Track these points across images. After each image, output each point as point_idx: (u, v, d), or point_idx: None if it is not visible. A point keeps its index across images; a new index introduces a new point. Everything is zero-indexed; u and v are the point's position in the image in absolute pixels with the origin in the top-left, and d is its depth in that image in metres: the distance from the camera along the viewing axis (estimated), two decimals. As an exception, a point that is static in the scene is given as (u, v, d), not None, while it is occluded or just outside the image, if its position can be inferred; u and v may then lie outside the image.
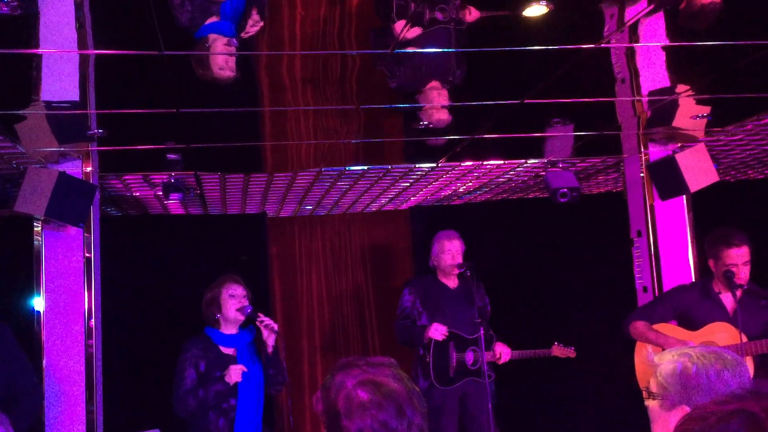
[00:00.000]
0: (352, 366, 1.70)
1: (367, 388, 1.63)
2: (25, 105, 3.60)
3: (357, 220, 7.61)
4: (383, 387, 1.64)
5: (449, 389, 4.69)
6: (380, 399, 1.61)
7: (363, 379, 1.65)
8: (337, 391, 1.65)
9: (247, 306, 4.00)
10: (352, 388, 1.63)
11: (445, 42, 2.99)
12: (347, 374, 1.67)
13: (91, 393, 4.40)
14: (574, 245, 6.73)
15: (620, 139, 5.11)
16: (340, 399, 1.63)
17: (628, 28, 3.05)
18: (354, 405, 1.61)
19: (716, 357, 1.94)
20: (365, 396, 1.62)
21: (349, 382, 1.65)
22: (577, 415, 6.55)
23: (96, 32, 2.84)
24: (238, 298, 4.03)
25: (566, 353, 5.04)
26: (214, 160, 4.99)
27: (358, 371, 1.67)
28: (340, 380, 1.67)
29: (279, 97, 3.85)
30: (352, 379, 1.65)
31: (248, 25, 2.84)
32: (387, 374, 1.68)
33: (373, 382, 1.64)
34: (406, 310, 4.85)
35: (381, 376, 1.66)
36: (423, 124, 4.16)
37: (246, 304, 4.02)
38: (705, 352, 1.96)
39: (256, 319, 3.96)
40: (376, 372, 1.67)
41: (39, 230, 4.49)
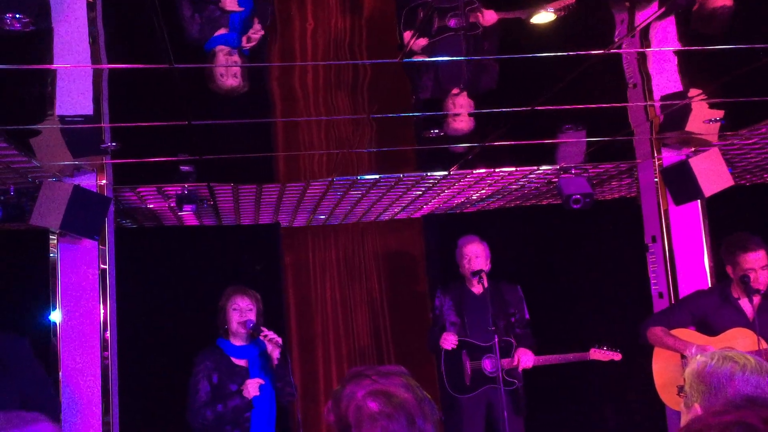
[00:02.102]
0: (362, 376, 1.69)
1: (377, 398, 1.63)
2: (39, 120, 3.63)
3: (370, 229, 7.61)
4: (394, 397, 1.63)
5: (468, 397, 4.67)
6: (391, 410, 1.61)
7: (373, 390, 1.65)
8: (348, 402, 1.64)
9: (249, 321, 4.00)
10: (362, 399, 1.63)
11: (459, 49, 2.99)
12: (357, 385, 1.66)
13: (107, 404, 4.42)
14: (588, 252, 6.70)
15: (633, 144, 5.08)
16: (350, 410, 1.63)
17: (639, 32, 3.04)
18: (364, 416, 1.61)
19: (736, 361, 1.95)
20: (375, 407, 1.61)
21: (359, 393, 1.64)
22: (593, 421, 6.50)
23: (108, 47, 2.87)
24: (240, 311, 4.03)
25: (609, 356, 4.79)
26: (227, 171, 5.01)
27: (369, 381, 1.67)
28: (350, 391, 1.66)
29: (291, 107, 3.87)
30: (362, 389, 1.65)
31: (250, 34, 2.87)
32: (397, 384, 1.67)
33: (383, 393, 1.64)
34: (435, 315, 4.93)
35: (391, 386, 1.66)
36: (434, 132, 4.16)
37: (249, 319, 4.01)
38: (729, 355, 1.99)
39: (259, 334, 3.96)
40: (386, 382, 1.67)
41: (54, 243, 4.53)
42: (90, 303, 4.48)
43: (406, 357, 7.08)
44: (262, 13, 2.86)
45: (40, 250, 4.67)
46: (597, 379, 6.35)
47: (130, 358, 4.92)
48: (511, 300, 4.81)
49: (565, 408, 6.38)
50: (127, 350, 4.82)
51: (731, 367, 1.94)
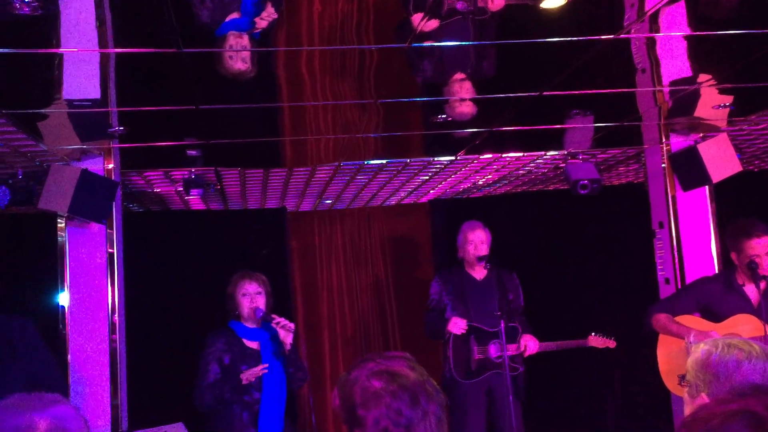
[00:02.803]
0: (366, 361, 1.72)
1: (380, 377, 1.65)
2: (47, 104, 3.64)
3: (376, 213, 7.62)
4: (397, 376, 1.66)
5: (472, 383, 4.68)
6: (394, 388, 1.63)
7: (377, 370, 1.67)
8: (353, 384, 1.67)
9: (259, 310, 4.03)
10: (366, 379, 1.66)
11: (466, 33, 2.98)
12: (362, 368, 1.69)
13: (115, 387, 4.46)
14: (595, 237, 6.69)
15: (641, 129, 5.06)
16: (356, 391, 1.65)
17: (648, 17, 3.02)
18: (368, 394, 1.63)
19: (741, 349, 1.95)
20: (379, 384, 1.64)
21: (363, 375, 1.67)
22: (598, 407, 6.53)
23: (116, 31, 2.87)
24: (249, 296, 4.06)
25: (605, 343, 4.94)
26: (234, 155, 5.01)
27: (373, 364, 1.70)
28: (355, 375, 1.69)
29: (298, 92, 3.86)
30: (366, 372, 1.68)
31: (262, 17, 2.86)
32: (401, 364, 1.70)
33: (386, 372, 1.66)
34: (433, 302, 4.88)
35: (395, 366, 1.68)
36: (442, 118, 4.15)
37: (257, 306, 4.04)
38: (733, 343, 1.98)
39: (270, 321, 3.98)
40: (390, 363, 1.69)
41: (62, 227, 4.55)
42: (98, 286, 4.51)
43: (412, 341, 7.11)
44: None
45: (48, 234, 4.69)
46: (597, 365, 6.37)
47: (138, 341, 4.95)
48: (509, 287, 4.81)
49: (563, 395, 6.41)
50: (134, 333, 4.85)
51: (737, 354, 1.94)
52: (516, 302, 4.85)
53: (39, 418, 1.45)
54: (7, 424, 1.45)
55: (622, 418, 6.46)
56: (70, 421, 1.46)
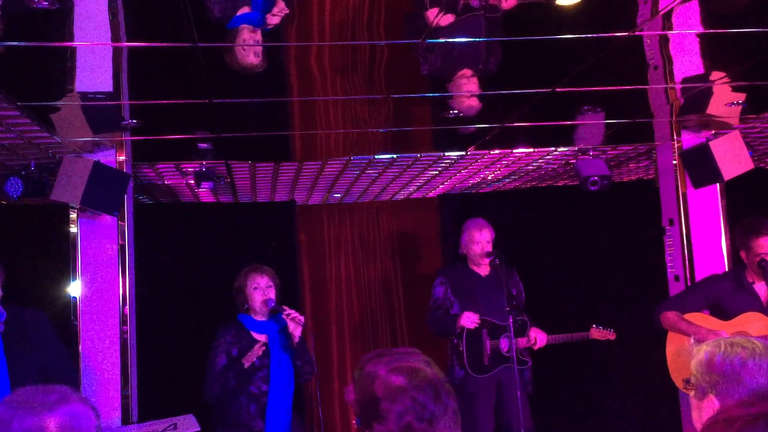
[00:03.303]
0: (380, 356, 1.72)
1: (401, 373, 1.66)
2: (61, 96, 3.66)
3: (385, 207, 7.62)
4: (417, 372, 1.67)
5: (485, 377, 4.69)
6: (418, 382, 1.64)
7: (396, 366, 1.68)
8: (372, 379, 1.67)
9: (270, 300, 4.05)
10: (386, 375, 1.66)
11: (477, 30, 2.98)
12: (377, 364, 1.70)
13: (126, 378, 4.50)
14: (605, 233, 6.68)
15: (652, 126, 5.04)
16: (377, 385, 1.65)
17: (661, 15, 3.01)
18: (392, 388, 1.64)
19: (744, 347, 1.95)
20: (401, 379, 1.65)
21: (382, 371, 1.67)
22: (606, 402, 6.53)
23: (129, 24, 2.88)
24: (261, 290, 4.08)
25: (605, 335, 5.01)
26: (245, 149, 5.03)
27: (389, 358, 1.70)
28: (371, 369, 1.69)
29: (308, 86, 3.87)
30: (384, 366, 1.68)
31: (274, 12, 2.86)
32: (418, 360, 1.71)
33: (406, 368, 1.67)
34: (438, 300, 4.86)
35: (413, 363, 1.69)
36: (453, 113, 4.15)
37: (270, 297, 4.06)
38: (735, 341, 1.98)
39: (281, 313, 4.00)
40: (406, 359, 1.70)
41: (75, 218, 4.58)
42: (109, 278, 4.54)
43: (420, 336, 7.11)
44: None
45: (60, 225, 4.72)
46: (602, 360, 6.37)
47: (147, 332, 4.98)
48: (511, 283, 4.82)
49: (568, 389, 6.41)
50: (144, 324, 4.88)
51: (741, 353, 1.94)
52: (519, 298, 4.86)
53: (49, 418, 1.43)
54: (17, 424, 1.42)
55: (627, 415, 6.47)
56: (81, 419, 1.45)
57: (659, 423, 6.12)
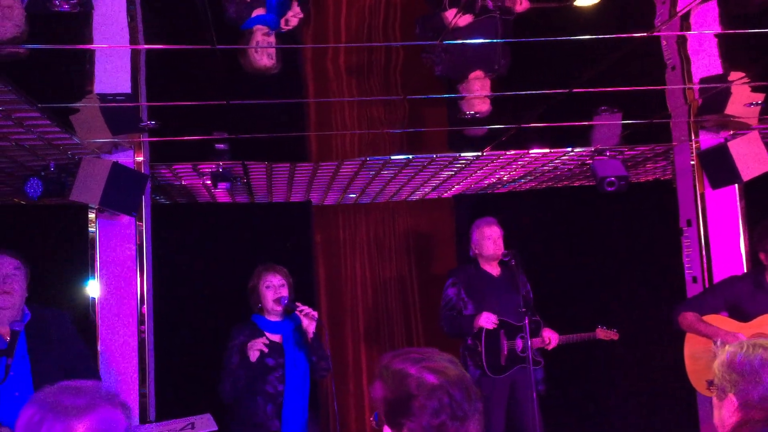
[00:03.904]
0: (407, 353, 1.74)
1: (433, 373, 1.68)
2: (80, 97, 3.70)
3: (400, 208, 7.63)
4: (448, 371, 1.69)
5: (501, 377, 4.69)
6: (452, 382, 1.66)
7: (427, 366, 1.69)
8: (403, 377, 1.69)
9: (284, 297, 4.05)
10: (419, 373, 1.68)
11: (492, 32, 2.98)
12: (405, 361, 1.71)
13: (143, 377, 4.53)
14: (621, 234, 6.65)
15: (670, 127, 5.01)
16: (410, 383, 1.67)
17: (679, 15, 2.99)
18: (428, 386, 1.66)
19: (765, 348, 1.99)
20: (435, 380, 1.67)
21: (412, 369, 1.69)
22: (614, 402, 6.51)
23: (149, 27, 2.91)
24: (273, 289, 4.09)
25: (609, 336, 5.08)
26: (261, 149, 5.05)
27: (417, 356, 1.72)
28: (400, 367, 1.70)
29: (324, 88, 3.88)
30: (413, 365, 1.70)
31: (289, 16, 2.87)
32: (446, 360, 1.73)
33: (437, 369, 1.69)
34: (451, 301, 4.85)
35: (442, 363, 1.71)
36: (469, 114, 4.15)
37: (282, 295, 4.06)
38: (758, 343, 2.02)
39: (295, 309, 4.01)
40: (435, 359, 1.72)
41: (93, 218, 4.62)
42: (127, 278, 4.58)
43: (435, 336, 7.10)
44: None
45: (79, 226, 4.77)
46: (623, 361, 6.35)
47: (164, 332, 5.02)
48: (520, 282, 4.81)
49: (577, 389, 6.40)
50: (162, 324, 4.92)
51: (762, 353, 1.98)
52: (527, 297, 4.85)
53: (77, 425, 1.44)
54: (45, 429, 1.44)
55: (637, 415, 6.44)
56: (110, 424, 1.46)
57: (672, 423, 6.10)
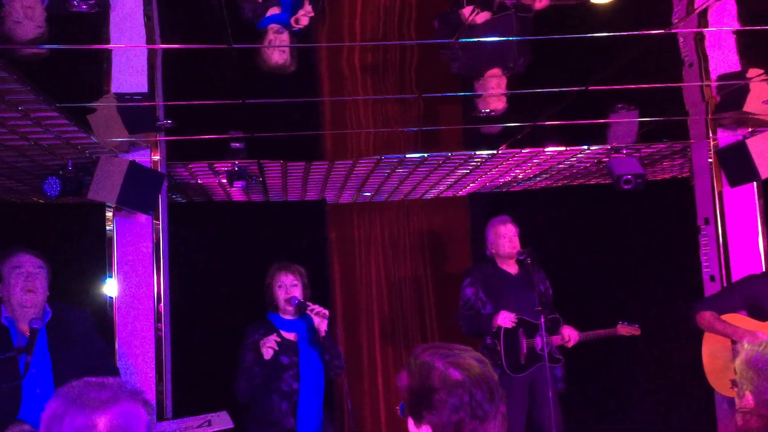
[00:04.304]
0: (438, 348, 1.75)
1: (458, 369, 1.68)
2: (97, 97, 3.73)
3: (415, 206, 7.63)
4: (474, 369, 1.69)
5: (520, 376, 4.68)
6: (475, 380, 1.67)
7: (452, 361, 1.70)
8: (429, 370, 1.70)
9: (294, 298, 4.06)
10: (444, 368, 1.69)
11: (509, 29, 2.97)
12: (434, 355, 1.72)
13: (161, 374, 4.56)
14: (638, 232, 6.62)
15: (687, 124, 4.98)
16: (434, 377, 1.68)
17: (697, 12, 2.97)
18: (450, 381, 1.66)
19: None
20: (458, 375, 1.67)
21: (439, 363, 1.70)
22: (638, 400, 6.48)
23: (165, 26, 2.93)
24: (285, 288, 4.10)
25: (631, 331, 4.99)
26: (277, 148, 5.07)
27: (446, 351, 1.72)
28: (428, 359, 1.71)
29: (339, 87, 3.89)
30: (440, 359, 1.70)
31: (300, 15, 2.88)
32: (473, 357, 1.73)
33: (464, 364, 1.69)
34: (470, 300, 4.84)
35: (468, 359, 1.71)
36: (484, 112, 4.14)
37: (293, 296, 4.07)
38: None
39: (306, 309, 4.03)
40: (463, 355, 1.72)
41: (110, 217, 4.66)
42: (144, 276, 4.61)
43: (450, 335, 7.11)
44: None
45: (97, 225, 4.81)
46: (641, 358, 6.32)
47: (181, 330, 5.05)
48: (538, 280, 4.80)
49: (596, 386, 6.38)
50: (179, 322, 4.95)
51: None
52: (546, 294, 4.84)
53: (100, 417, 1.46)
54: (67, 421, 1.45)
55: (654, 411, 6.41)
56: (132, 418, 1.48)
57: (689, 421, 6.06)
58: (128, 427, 1.45)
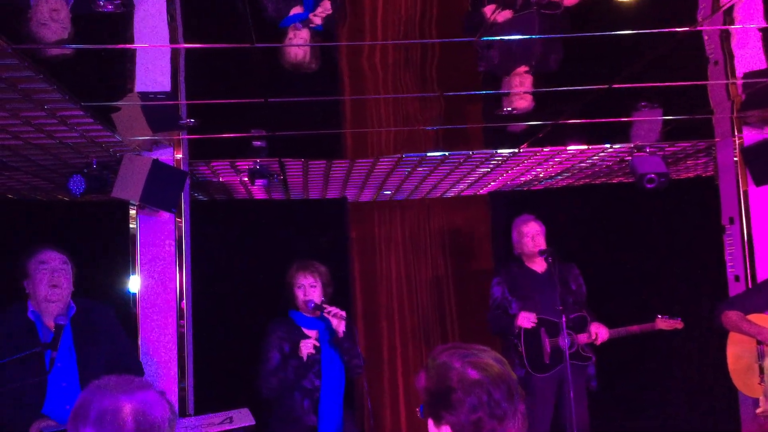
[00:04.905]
0: (456, 348, 1.74)
1: (476, 368, 1.69)
2: (121, 96, 3.77)
3: (436, 205, 7.61)
4: (492, 368, 1.69)
5: (546, 376, 4.65)
6: (493, 379, 1.67)
7: (471, 361, 1.70)
8: (446, 370, 1.70)
9: (311, 302, 4.09)
10: (462, 367, 1.69)
11: (533, 27, 2.95)
12: (452, 355, 1.72)
13: (183, 371, 4.60)
14: (661, 231, 6.55)
15: (712, 122, 4.92)
16: (452, 377, 1.68)
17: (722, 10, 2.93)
18: (468, 381, 1.67)
19: None
20: (476, 375, 1.67)
21: (457, 363, 1.70)
22: (663, 401, 6.42)
23: (188, 26, 2.95)
24: (303, 289, 4.13)
25: (673, 325, 4.83)
26: (298, 146, 5.08)
27: (464, 352, 1.72)
28: (446, 360, 1.72)
29: (360, 85, 3.89)
30: (458, 359, 1.71)
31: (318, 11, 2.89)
32: (492, 357, 1.73)
33: (482, 364, 1.70)
34: (497, 300, 4.86)
35: (487, 359, 1.71)
36: (507, 110, 4.12)
37: (310, 299, 4.09)
38: None
39: (322, 311, 4.04)
40: (481, 355, 1.72)
41: (134, 215, 4.70)
42: (167, 273, 4.65)
43: (471, 335, 7.09)
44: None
45: (120, 222, 4.85)
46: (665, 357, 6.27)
47: (202, 327, 5.08)
48: (570, 278, 4.76)
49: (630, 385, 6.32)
50: (200, 319, 4.99)
51: None
52: (579, 293, 4.80)
53: (125, 402, 1.52)
54: (96, 404, 1.52)
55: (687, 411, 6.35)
56: (155, 406, 1.53)
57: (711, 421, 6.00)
58: (152, 413, 1.50)
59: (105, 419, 1.47)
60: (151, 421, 1.49)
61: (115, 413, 1.49)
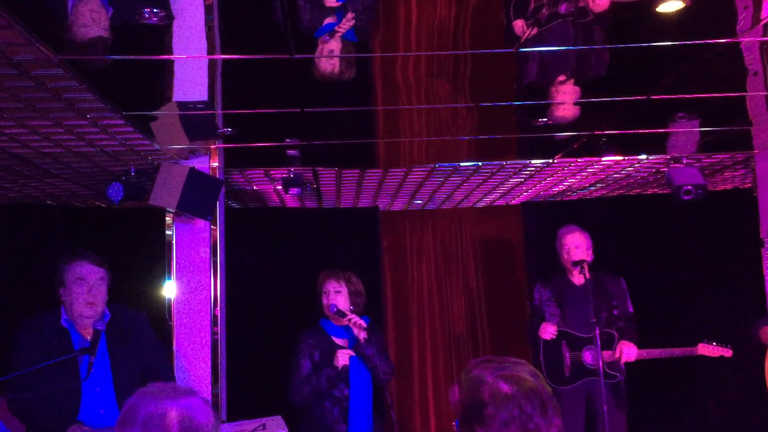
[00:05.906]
0: (489, 361, 1.74)
1: (508, 382, 1.67)
2: (160, 105, 3.83)
3: (468, 214, 7.59)
4: (525, 381, 1.67)
5: (568, 389, 4.61)
6: (526, 393, 1.65)
7: (503, 374, 1.69)
8: (478, 384, 1.69)
9: (332, 305, 4.12)
10: (494, 381, 1.68)
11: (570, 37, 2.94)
12: (485, 368, 1.71)
13: (216, 377, 4.64)
14: (696, 244, 6.45)
15: (751, 134, 4.84)
16: (484, 391, 1.67)
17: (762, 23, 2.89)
18: (500, 395, 1.66)
19: None
20: (508, 389, 1.66)
21: (489, 376, 1.69)
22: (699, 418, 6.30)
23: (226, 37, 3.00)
24: (327, 296, 4.16)
25: (719, 352, 4.63)
26: (332, 156, 5.12)
27: (497, 365, 1.71)
28: (478, 374, 1.71)
29: (393, 95, 3.91)
30: (491, 372, 1.70)
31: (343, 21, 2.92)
32: (525, 371, 1.71)
33: (513, 377, 1.68)
34: (535, 308, 4.87)
35: (520, 372, 1.69)
36: (542, 121, 4.11)
37: (332, 303, 4.13)
38: None
39: (344, 317, 4.07)
40: (514, 368, 1.70)
41: (170, 222, 4.77)
42: (202, 280, 4.70)
43: (502, 346, 7.05)
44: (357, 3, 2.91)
45: (157, 229, 4.93)
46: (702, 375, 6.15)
47: (235, 334, 5.13)
48: (613, 292, 4.71)
49: (667, 403, 6.22)
50: (234, 326, 5.03)
51: None
52: (621, 308, 4.73)
53: (171, 407, 1.55)
54: (142, 409, 1.56)
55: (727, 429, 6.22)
56: (200, 412, 1.56)
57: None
58: (196, 419, 1.52)
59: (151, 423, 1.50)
60: (196, 426, 1.52)
61: (161, 417, 1.52)
